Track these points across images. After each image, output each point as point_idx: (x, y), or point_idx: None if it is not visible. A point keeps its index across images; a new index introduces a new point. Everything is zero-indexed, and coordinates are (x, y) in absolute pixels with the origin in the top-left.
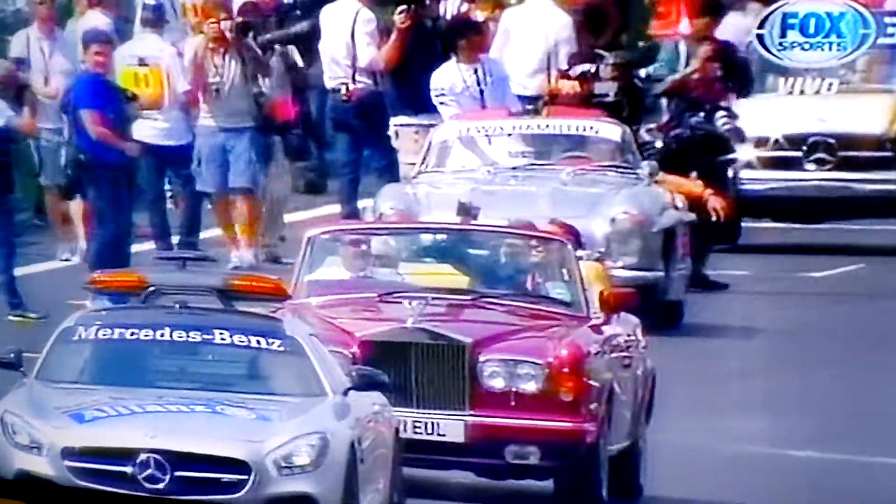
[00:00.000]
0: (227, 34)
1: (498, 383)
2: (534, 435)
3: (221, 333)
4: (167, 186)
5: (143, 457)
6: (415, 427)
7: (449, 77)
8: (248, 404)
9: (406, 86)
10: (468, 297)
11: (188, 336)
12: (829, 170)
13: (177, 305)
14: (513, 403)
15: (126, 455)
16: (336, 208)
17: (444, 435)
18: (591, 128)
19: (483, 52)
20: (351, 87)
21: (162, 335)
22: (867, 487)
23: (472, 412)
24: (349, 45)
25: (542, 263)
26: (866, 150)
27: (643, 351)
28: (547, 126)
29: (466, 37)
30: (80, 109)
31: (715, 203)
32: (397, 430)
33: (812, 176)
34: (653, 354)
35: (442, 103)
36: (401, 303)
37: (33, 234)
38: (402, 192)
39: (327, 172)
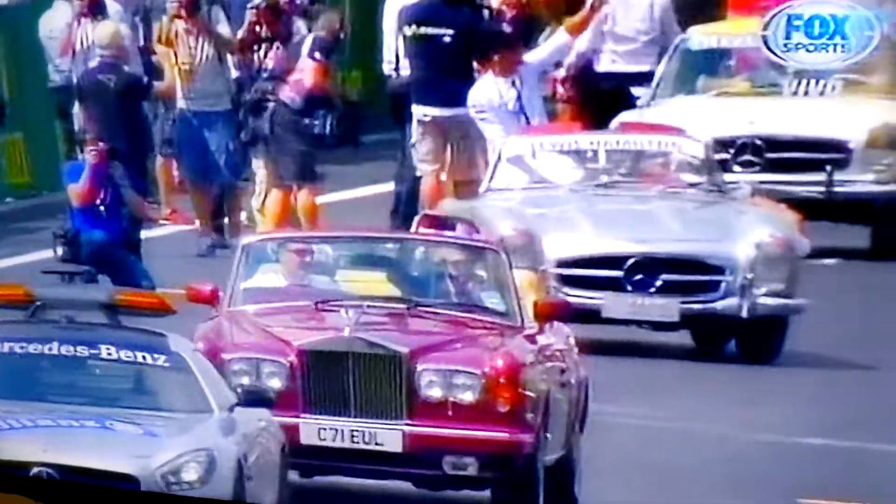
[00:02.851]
0: (182, 11)
1: (435, 393)
2: (471, 445)
3: (108, 349)
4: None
5: (35, 470)
6: (353, 436)
7: (486, 92)
8: (136, 420)
9: None
10: (404, 307)
11: (76, 351)
12: (756, 172)
13: (63, 320)
14: (450, 413)
15: (19, 469)
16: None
17: (381, 444)
18: (673, 143)
19: (519, 63)
20: (395, 75)
21: (50, 349)
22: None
23: (409, 422)
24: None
25: (477, 272)
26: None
27: (577, 360)
28: (626, 142)
29: (500, 51)
30: None
31: None
32: (284, 446)
33: (739, 178)
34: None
35: (482, 119)
36: (338, 311)
37: None
38: (515, 211)
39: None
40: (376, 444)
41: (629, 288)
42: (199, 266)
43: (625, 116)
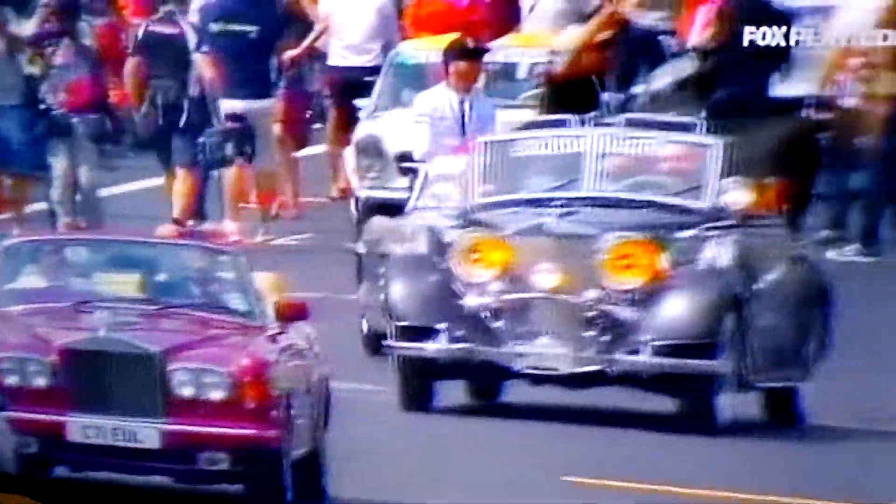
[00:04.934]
0: None
1: (187, 391)
2: (223, 441)
3: None
4: None
5: None
6: (114, 434)
7: (431, 100)
8: None
9: None
10: (156, 307)
11: None
12: None
13: None
14: (202, 411)
15: None
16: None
17: (141, 442)
18: None
19: (474, 81)
20: None
21: None
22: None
23: (165, 420)
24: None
25: (221, 275)
26: None
27: (318, 359)
28: None
29: (457, 63)
30: None
31: None
32: (15, 449)
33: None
34: None
35: (418, 123)
36: (93, 312)
37: None
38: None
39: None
40: (136, 441)
41: None
42: None
43: (360, 129)
